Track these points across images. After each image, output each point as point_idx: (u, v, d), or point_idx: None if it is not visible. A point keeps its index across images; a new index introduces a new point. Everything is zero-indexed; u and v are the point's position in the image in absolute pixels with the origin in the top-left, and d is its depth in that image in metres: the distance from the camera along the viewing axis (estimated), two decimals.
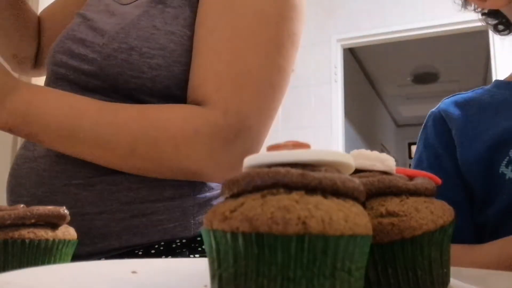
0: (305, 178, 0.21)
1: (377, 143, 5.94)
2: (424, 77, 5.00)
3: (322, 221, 0.20)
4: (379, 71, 5.15)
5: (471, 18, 3.28)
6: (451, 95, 0.76)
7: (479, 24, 0.80)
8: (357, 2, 3.51)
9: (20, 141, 1.64)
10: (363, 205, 0.24)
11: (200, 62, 0.58)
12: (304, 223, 0.19)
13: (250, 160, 0.24)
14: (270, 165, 0.22)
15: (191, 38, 0.60)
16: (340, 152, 0.24)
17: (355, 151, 0.31)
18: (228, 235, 0.21)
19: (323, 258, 0.20)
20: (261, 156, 0.23)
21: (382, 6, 3.43)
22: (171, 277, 0.30)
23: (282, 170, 0.21)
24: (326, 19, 3.53)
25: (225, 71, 0.56)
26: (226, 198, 0.23)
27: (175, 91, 0.60)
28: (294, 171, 0.21)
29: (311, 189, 0.21)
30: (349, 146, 3.69)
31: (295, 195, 0.21)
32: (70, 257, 0.41)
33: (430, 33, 3.40)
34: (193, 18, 0.61)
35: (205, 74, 0.57)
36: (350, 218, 0.20)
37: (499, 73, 3.11)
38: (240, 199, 0.22)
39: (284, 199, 0.20)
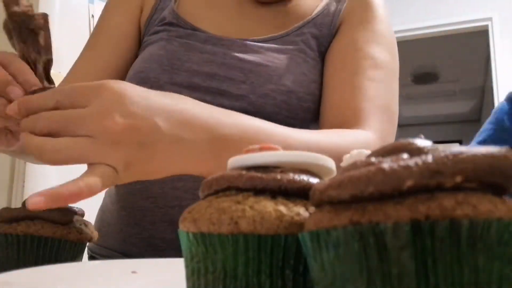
0: (253, 181, 0.22)
1: None
2: (424, 77, 4.96)
3: (253, 221, 0.20)
4: None
5: (471, 18, 3.28)
6: None
7: (479, 24, 0.80)
8: None
9: None
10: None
11: (346, 97, 0.66)
12: (236, 223, 0.20)
13: (231, 163, 0.25)
14: (249, 168, 0.23)
15: (321, 86, 0.69)
16: (312, 154, 0.24)
17: (354, 151, 0.31)
18: (184, 234, 0.23)
19: (259, 257, 0.20)
20: (239, 159, 0.24)
21: None
22: (171, 277, 0.30)
23: (235, 173, 0.23)
24: None
25: (371, 105, 0.66)
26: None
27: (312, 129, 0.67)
28: (245, 174, 0.22)
29: (260, 190, 0.22)
30: None
31: (240, 197, 0.22)
32: (77, 258, 0.40)
33: (430, 33, 3.39)
34: (323, 68, 0.70)
35: (350, 106, 0.65)
36: (286, 218, 0.21)
37: (499, 73, 3.09)
38: (200, 201, 0.23)
39: (225, 201, 0.21)
